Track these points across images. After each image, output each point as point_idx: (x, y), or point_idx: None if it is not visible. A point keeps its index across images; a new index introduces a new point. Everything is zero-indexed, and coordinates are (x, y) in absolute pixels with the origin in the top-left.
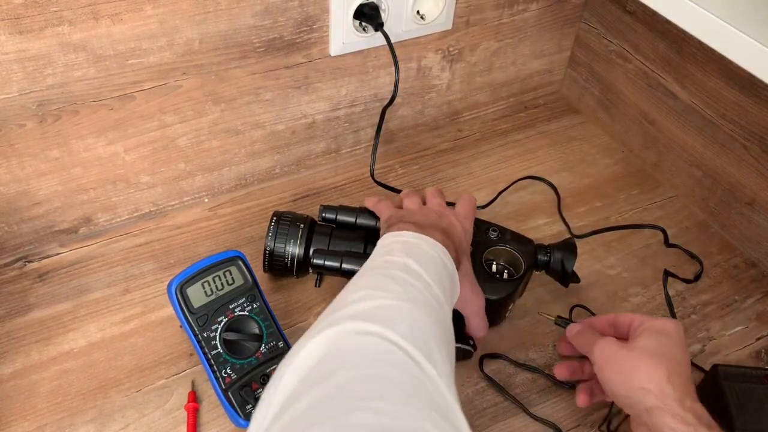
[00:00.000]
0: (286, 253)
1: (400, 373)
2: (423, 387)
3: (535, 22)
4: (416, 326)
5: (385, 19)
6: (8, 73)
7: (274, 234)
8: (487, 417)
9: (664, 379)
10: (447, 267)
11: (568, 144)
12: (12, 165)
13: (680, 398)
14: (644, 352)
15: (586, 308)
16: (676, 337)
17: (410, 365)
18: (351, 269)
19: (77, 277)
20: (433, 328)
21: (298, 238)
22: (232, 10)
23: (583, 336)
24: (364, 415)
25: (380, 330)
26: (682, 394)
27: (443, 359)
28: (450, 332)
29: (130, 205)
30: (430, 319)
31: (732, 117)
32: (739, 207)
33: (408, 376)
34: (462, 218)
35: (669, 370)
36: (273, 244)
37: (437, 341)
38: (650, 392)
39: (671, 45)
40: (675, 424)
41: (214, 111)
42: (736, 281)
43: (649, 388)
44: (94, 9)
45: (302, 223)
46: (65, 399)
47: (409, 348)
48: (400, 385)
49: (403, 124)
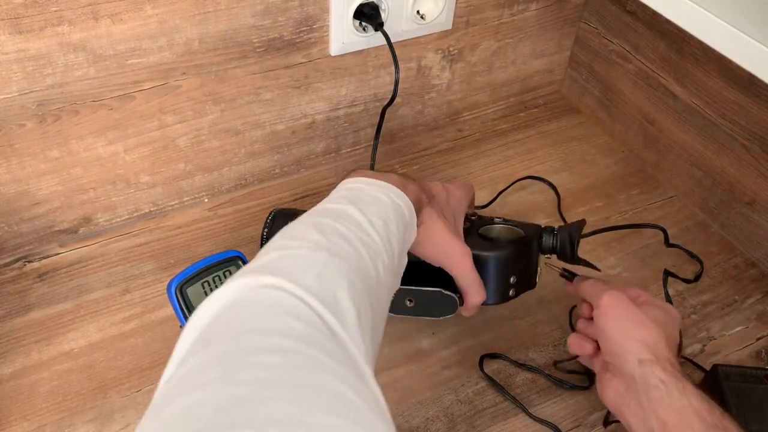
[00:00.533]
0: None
1: (300, 326)
2: (325, 340)
3: (535, 21)
4: (326, 278)
5: (385, 19)
6: (8, 72)
7: (270, 229)
8: (487, 417)
9: (662, 342)
10: (399, 210)
11: (568, 144)
12: (12, 165)
13: (671, 359)
14: (650, 315)
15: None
16: (677, 321)
17: (312, 318)
18: None
19: (77, 277)
20: (351, 279)
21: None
22: (232, 9)
23: (594, 284)
24: (255, 370)
25: (283, 283)
26: (672, 358)
27: (356, 312)
28: (383, 281)
29: (130, 205)
30: (349, 270)
31: (732, 117)
32: (739, 207)
33: (309, 329)
34: (452, 187)
35: (667, 337)
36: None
37: (353, 294)
38: (646, 346)
39: (671, 45)
40: (665, 377)
41: (214, 111)
42: (736, 281)
43: (647, 342)
44: (93, 9)
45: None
46: (65, 399)
47: (311, 301)
48: (299, 338)
49: (403, 124)
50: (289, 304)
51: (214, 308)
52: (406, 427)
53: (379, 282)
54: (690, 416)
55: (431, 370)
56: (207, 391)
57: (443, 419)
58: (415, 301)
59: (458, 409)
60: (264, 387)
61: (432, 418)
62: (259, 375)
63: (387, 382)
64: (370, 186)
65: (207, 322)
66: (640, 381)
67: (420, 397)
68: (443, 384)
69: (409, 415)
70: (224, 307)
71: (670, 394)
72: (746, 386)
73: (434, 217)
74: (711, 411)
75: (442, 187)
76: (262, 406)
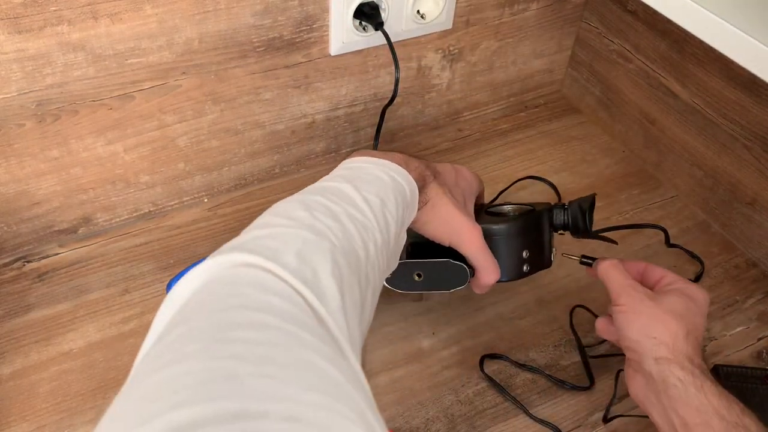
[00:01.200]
0: None
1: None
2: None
3: (535, 21)
4: (306, 256)
5: (385, 19)
6: (7, 72)
7: None
8: (487, 418)
9: (681, 337)
10: (400, 188)
11: (569, 144)
12: (11, 165)
13: (690, 356)
14: (669, 310)
15: (586, 308)
16: (702, 306)
17: (292, 295)
18: None
19: (76, 277)
20: (334, 257)
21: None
22: (232, 9)
23: (615, 273)
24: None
25: (262, 261)
26: (692, 354)
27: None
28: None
29: (130, 205)
30: (333, 248)
31: (733, 117)
32: (740, 207)
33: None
34: (462, 168)
35: (687, 331)
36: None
37: (336, 272)
38: (664, 344)
39: (672, 44)
40: (683, 375)
41: (214, 111)
42: (737, 281)
43: (665, 340)
44: (93, 8)
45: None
46: (64, 399)
47: (290, 279)
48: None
49: (403, 123)
50: (268, 282)
51: (193, 284)
52: (407, 428)
53: (369, 260)
54: (709, 414)
55: (431, 370)
56: (188, 363)
57: (443, 420)
58: (423, 274)
59: (458, 410)
60: (246, 362)
61: (432, 419)
62: (240, 350)
63: (387, 382)
64: (369, 164)
65: (186, 297)
66: (658, 379)
67: (420, 397)
68: (443, 384)
69: (409, 415)
70: (203, 283)
71: (688, 393)
72: (747, 386)
73: (440, 193)
74: (730, 408)
75: (451, 167)
76: (245, 381)
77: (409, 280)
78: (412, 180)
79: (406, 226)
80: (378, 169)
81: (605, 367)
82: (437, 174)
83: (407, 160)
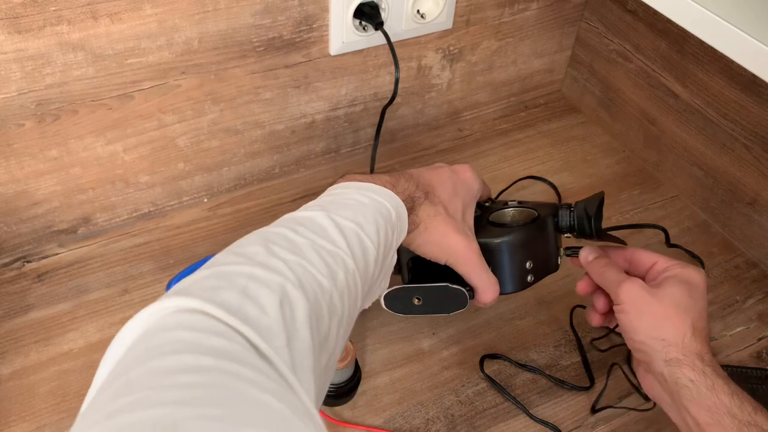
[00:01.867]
0: None
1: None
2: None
3: (535, 21)
4: (251, 293)
5: (385, 18)
6: (7, 72)
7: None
8: (487, 418)
9: (689, 334)
10: (384, 212)
11: (569, 144)
12: (11, 165)
13: (700, 353)
14: (672, 304)
15: (586, 308)
16: (702, 288)
17: (229, 334)
18: None
19: (76, 277)
20: (285, 290)
21: None
22: (232, 9)
23: (608, 271)
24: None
25: (200, 304)
26: (702, 350)
27: (284, 327)
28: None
29: (129, 205)
30: (285, 282)
31: (733, 117)
32: (740, 207)
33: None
34: (463, 168)
35: (694, 325)
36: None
37: (284, 307)
38: (673, 345)
39: (672, 44)
40: (694, 376)
41: (214, 110)
42: (737, 281)
43: (674, 340)
44: (92, 8)
45: None
46: (64, 399)
47: (228, 318)
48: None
49: (403, 123)
50: (206, 325)
51: (129, 337)
52: (407, 428)
53: (338, 288)
54: (721, 414)
55: (432, 370)
56: (125, 416)
57: (443, 420)
58: (423, 299)
59: (458, 410)
60: (185, 406)
61: (432, 419)
62: (178, 395)
63: (387, 382)
64: (350, 189)
65: (122, 351)
66: (670, 381)
67: (420, 397)
68: (443, 384)
69: (409, 415)
70: (143, 332)
71: (700, 393)
72: (747, 387)
73: (431, 215)
74: (742, 407)
75: (448, 174)
76: (185, 425)
77: (408, 304)
78: (399, 201)
79: (395, 247)
80: (358, 193)
81: (605, 368)
82: (430, 191)
83: (395, 181)
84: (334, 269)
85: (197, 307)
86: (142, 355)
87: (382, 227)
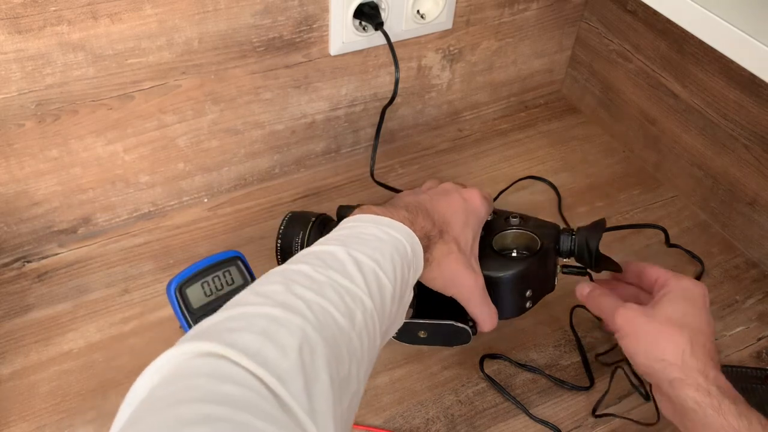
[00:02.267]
0: (294, 246)
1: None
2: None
3: (535, 21)
4: (271, 335)
5: (385, 19)
6: (7, 72)
7: (284, 227)
8: (487, 418)
9: (688, 350)
10: (401, 249)
11: (569, 144)
12: (11, 165)
13: (703, 370)
14: (667, 321)
15: (586, 308)
16: (701, 303)
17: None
18: None
19: (76, 277)
20: (305, 332)
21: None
22: (232, 9)
23: (603, 300)
24: None
25: (218, 348)
26: (704, 366)
27: (302, 370)
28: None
29: (130, 205)
30: (305, 323)
31: (733, 117)
32: (740, 207)
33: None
34: (472, 194)
35: (692, 340)
36: (283, 240)
37: (304, 350)
38: (672, 365)
39: (672, 44)
40: (699, 397)
41: (214, 111)
42: (737, 281)
43: (672, 360)
44: (93, 8)
45: (314, 218)
46: (64, 399)
47: (248, 363)
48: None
49: (403, 123)
50: (224, 370)
51: (152, 379)
52: (407, 428)
53: (356, 328)
54: None
55: (431, 370)
56: None
57: (443, 420)
58: (427, 333)
59: (458, 410)
60: None
61: (432, 419)
62: None
63: (387, 382)
64: (369, 223)
65: (144, 393)
66: (676, 403)
67: (420, 397)
68: (443, 384)
69: (409, 415)
70: (161, 378)
71: (706, 415)
72: (747, 387)
73: (445, 252)
74: (750, 428)
75: (460, 203)
76: None
77: (413, 336)
78: (416, 239)
79: (411, 284)
80: (376, 228)
81: (605, 367)
82: (444, 228)
83: (413, 217)
84: (353, 309)
85: (216, 350)
86: (158, 403)
87: (398, 265)
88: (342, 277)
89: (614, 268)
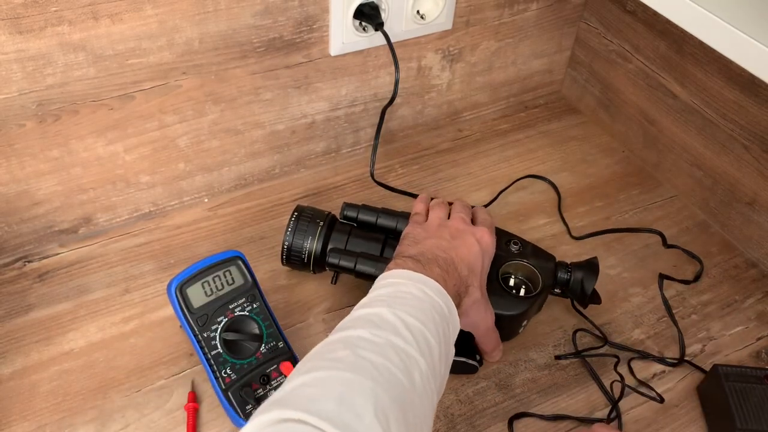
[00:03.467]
0: (303, 249)
1: None
2: None
3: (535, 21)
4: (347, 400)
5: (385, 19)
6: (8, 72)
7: (293, 229)
8: (487, 417)
9: None
10: (438, 308)
11: (569, 144)
12: (12, 165)
13: None
14: None
15: (587, 331)
16: None
17: None
18: (365, 271)
19: (77, 277)
20: (376, 395)
21: (316, 235)
22: (232, 9)
23: None
24: None
25: (299, 414)
26: None
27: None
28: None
29: (130, 205)
30: (375, 386)
31: (732, 117)
32: (739, 207)
33: None
34: (483, 234)
35: None
36: (291, 240)
37: (378, 411)
38: None
39: (671, 45)
40: None
41: (214, 111)
42: (736, 281)
43: None
44: (93, 9)
45: (322, 220)
46: (65, 399)
47: (328, 428)
48: None
49: (403, 124)
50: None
51: None
52: None
53: (416, 389)
54: None
55: None
56: None
57: (443, 419)
58: None
59: (458, 409)
60: None
61: None
62: None
63: None
64: (406, 280)
65: None
66: None
67: None
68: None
69: None
70: None
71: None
72: (746, 386)
73: (470, 303)
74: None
75: (478, 249)
76: None
77: None
78: (449, 298)
79: (452, 341)
80: (413, 286)
81: (605, 368)
82: (470, 280)
83: (447, 276)
84: (411, 369)
85: (296, 417)
86: None
87: (439, 323)
88: (398, 338)
89: (597, 301)
